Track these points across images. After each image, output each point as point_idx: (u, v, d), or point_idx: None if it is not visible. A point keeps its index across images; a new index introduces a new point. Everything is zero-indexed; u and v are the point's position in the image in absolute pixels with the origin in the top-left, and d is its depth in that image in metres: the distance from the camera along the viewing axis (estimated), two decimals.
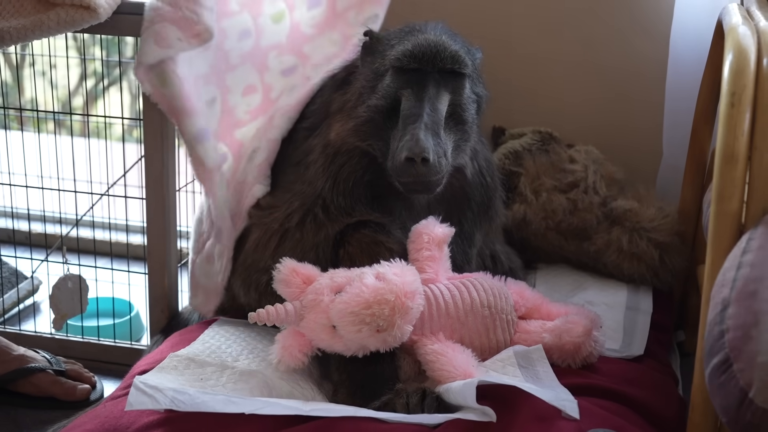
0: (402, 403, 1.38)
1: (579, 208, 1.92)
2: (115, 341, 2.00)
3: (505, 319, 1.55)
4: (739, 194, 1.25)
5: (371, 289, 1.39)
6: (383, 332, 1.39)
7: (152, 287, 1.91)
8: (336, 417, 1.33)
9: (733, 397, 1.03)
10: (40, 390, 1.83)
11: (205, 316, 1.77)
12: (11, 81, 3.27)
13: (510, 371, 1.44)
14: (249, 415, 1.32)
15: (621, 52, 2.20)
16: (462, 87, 1.61)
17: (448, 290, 1.52)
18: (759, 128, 1.23)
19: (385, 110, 1.59)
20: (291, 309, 1.44)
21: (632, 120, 2.22)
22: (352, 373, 1.46)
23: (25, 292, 2.24)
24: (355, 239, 1.60)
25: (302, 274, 1.47)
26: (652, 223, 1.89)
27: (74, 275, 2.00)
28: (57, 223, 2.37)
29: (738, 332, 1.06)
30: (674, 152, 2.09)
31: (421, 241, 1.57)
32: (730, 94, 1.25)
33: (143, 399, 1.33)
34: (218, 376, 1.47)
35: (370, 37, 1.67)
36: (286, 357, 1.47)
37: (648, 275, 1.88)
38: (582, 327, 1.52)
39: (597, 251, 1.90)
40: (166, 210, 1.86)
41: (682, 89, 2.04)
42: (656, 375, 1.57)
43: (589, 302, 1.79)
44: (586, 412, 1.35)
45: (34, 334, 2.04)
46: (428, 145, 1.49)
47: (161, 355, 1.56)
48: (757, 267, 1.12)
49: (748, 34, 1.33)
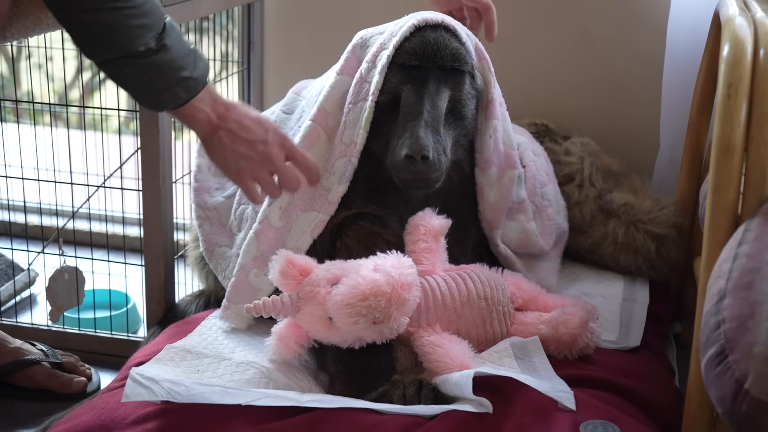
0: (399, 395, 1.38)
1: (575, 201, 1.92)
2: (111, 333, 2.00)
3: (502, 311, 1.55)
4: (736, 185, 1.25)
5: (368, 281, 1.39)
6: (380, 324, 1.39)
7: (149, 279, 1.91)
8: (333, 408, 1.33)
9: (729, 388, 1.03)
10: (36, 383, 1.83)
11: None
12: (7, 73, 3.27)
13: (506, 363, 1.44)
14: (245, 406, 1.32)
15: (618, 43, 2.20)
16: (462, 83, 1.61)
17: (445, 282, 1.52)
18: (755, 119, 1.23)
19: (385, 106, 1.59)
20: (287, 301, 1.44)
21: (629, 112, 2.22)
22: (349, 365, 1.46)
23: (22, 285, 2.24)
24: (352, 231, 1.60)
25: (299, 265, 1.47)
26: (649, 215, 1.89)
27: (71, 267, 1.99)
28: (53, 215, 2.36)
29: (734, 323, 1.06)
30: (671, 144, 2.09)
31: (417, 232, 1.57)
32: (726, 85, 1.24)
33: (139, 390, 1.33)
34: (215, 367, 1.47)
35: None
36: (282, 349, 1.47)
37: (644, 267, 1.88)
38: (578, 318, 1.52)
39: (593, 244, 1.90)
40: (162, 202, 1.86)
41: (679, 81, 2.04)
42: (653, 366, 1.57)
43: (585, 294, 1.79)
44: (583, 404, 1.35)
45: (31, 327, 2.03)
46: (428, 143, 1.49)
47: (158, 346, 1.56)
48: (753, 258, 1.12)
49: (745, 25, 1.33)
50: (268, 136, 1.50)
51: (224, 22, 2.31)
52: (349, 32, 1.74)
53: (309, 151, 1.63)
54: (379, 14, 1.73)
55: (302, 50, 2.35)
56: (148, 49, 1.37)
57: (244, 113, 1.49)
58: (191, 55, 1.43)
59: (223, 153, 1.48)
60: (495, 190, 1.70)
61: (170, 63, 1.39)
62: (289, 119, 1.81)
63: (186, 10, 1.88)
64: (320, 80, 1.81)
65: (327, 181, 1.62)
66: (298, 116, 1.79)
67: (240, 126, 1.47)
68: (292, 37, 2.35)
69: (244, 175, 1.50)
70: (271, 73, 2.37)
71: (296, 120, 1.78)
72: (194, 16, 1.97)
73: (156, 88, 1.41)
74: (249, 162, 1.49)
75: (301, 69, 2.14)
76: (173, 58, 1.39)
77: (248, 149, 1.48)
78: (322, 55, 1.98)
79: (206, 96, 1.45)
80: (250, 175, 1.51)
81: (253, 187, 1.52)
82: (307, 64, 2.20)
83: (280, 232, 1.62)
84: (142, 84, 1.41)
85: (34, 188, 2.18)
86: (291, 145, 1.54)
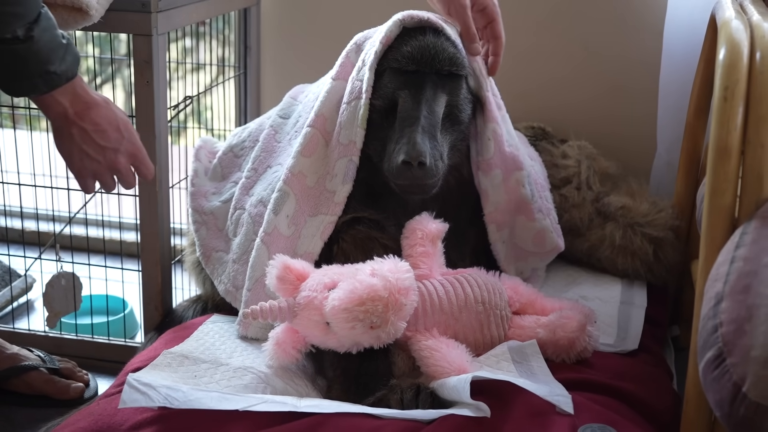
0: (396, 399, 1.38)
1: (572, 204, 1.92)
2: (109, 339, 2.00)
3: (500, 315, 1.55)
4: (733, 189, 1.25)
5: (365, 286, 1.39)
6: (377, 329, 1.39)
7: (146, 284, 1.90)
8: (330, 413, 1.32)
9: (727, 392, 1.03)
10: (34, 389, 1.83)
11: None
12: None
13: (504, 366, 1.44)
14: (243, 412, 1.31)
15: (614, 47, 2.20)
16: (459, 88, 1.61)
17: (442, 286, 1.52)
18: (752, 122, 1.23)
19: (382, 110, 1.59)
20: (284, 306, 1.43)
21: (626, 115, 2.22)
22: (346, 370, 1.46)
23: (19, 291, 2.23)
24: (349, 235, 1.60)
25: (296, 270, 1.47)
26: (646, 218, 1.89)
27: (67, 273, 1.99)
28: (50, 220, 2.36)
29: (731, 326, 1.06)
30: (668, 147, 2.09)
31: (414, 237, 1.57)
32: (722, 88, 1.25)
33: (136, 396, 1.32)
34: (212, 373, 1.47)
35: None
36: (280, 354, 1.47)
37: (642, 270, 1.87)
38: (576, 322, 1.52)
39: (590, 247, 1.90)
40: (159, 207, 1.85)
41: (675, 84, 2.04)
42: (651, 370, 1.57)
43: (583, 297, 1.79)
44: (581, 407, 1.35)
45: (28, 333, 2.03)
46: (425, 149, 1.49)
47: (155, 352, 1.55)
48: (750, 261, 1.12)
49: (741, 28, 1.33)
50: (122, 145, 1.49)
51: (221, 27, 2.31)
52: (346, 37, 1.74)
53: (310, 157, 1.63)
54: (376, 19, 1.73)
55: (299, 55, 2.35)
56: (14, 37, 1.34)
57: (105, 116, 1.46)
58: (61, 50, 1.39)
59: (70, 148, 1.47)
60: (501, 191, 1.70)
61: (35, 55, 1.37)
62: (285, 124, 1.81)
63: (183, 15, 1.88)
64: (317, 85, 1.81)
65: (330, 183, 1.62)
66: (294, 121, 1.79)
67: (96, 128, 1.45)
68: (288, 42, 2.35)
69: (84, 172, 1.49)
70: (267, 77, 2.37)
71: (293, 125, 1.78)
72: (191, 21, 1.97)
73: (15, 77, 1.38)
74: (94, 164, 1.48)
75: (298, 73, 2.14)
76: (39, 50, 1.37)
77: (97, 153, 1.47)
78: (319, 60, 1.98)
79: (69, 90, 1.42)
80: (92, 175, 1.50)
81: (89, 184, 1.51)
82: (303, 69, 2.20)
83: (290, 240, 1.62)
84: (1, 68, 1.38)
85: (31, 194, 2.18)
86: (143, 156, 1.54)
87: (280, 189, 1.63)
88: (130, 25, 1.75)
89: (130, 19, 1.73)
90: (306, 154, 1.63)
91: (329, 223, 1.61)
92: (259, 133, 1.84)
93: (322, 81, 1.77)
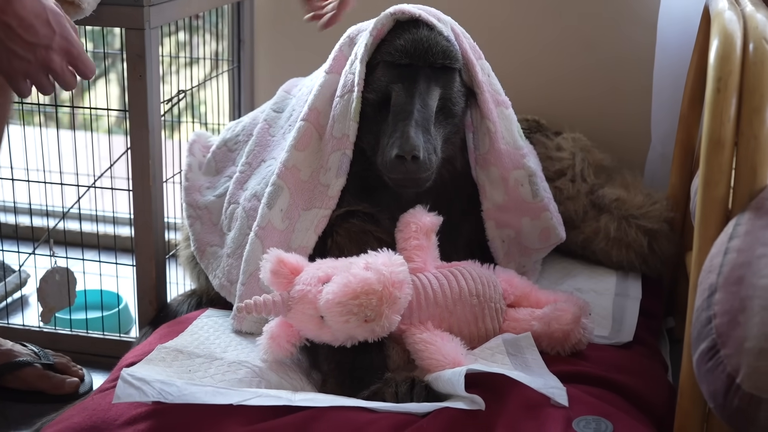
0: (391, 393, 1.38)
1: (566, 197, 1.92)
2: (103, 334, 2.00)
3: (494, 308, 1.55)
4: (726, 180, 1.25)
5: (359, 280, 1.38)
6: (371, 322, 1.39)
7: (140, 279, 1.90)
8: (325, 407, 1.32)
9: (721, 383, 1.03)
10: (28, 384, 1.82)
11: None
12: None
13: (499, 359, 1.44)
14: (237, 406, 1.31)
15: (608, 38, 2.19)
16: (452, 81, 1.61)
17: (437, 279, 1.52)
18: (745, 114, 1.23)
19: (375, 104, 1.59)
20: (278, 300, 1.43)
21: (620, 107, 2.22)
22: (341, 363, 1.46)
23: (13, 286, 2.23)
24: (343, 229, 1.60)
25: (290, 264, 1.46)
26: (641, 210, 1.89)
27: (62, 268, 1.99)
28: (44, 215, 2.35)
29: (725, 318, 1.06)
30: (662, 139, 2.09)
31: (409, 230, 1.57)
32: (716, 79, 1.24)
33: (131, 391, 1.32)
34: (207, 367, 1.47)
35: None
36: (274, 348, 1.47)
37: (637, 262, 1.87)
38: (571, 314, 1.52)
39: (585, 239, 1.90)
40: (153, 201, 1.85)
41: (669, 76, 2.04)
42: (645, 361, 1.57)
43: (577, 289, 1.79)
44: (575, 400, 1.35)
45: (23, 328, 2.03)
46: (418, 143, 1.49)
47: (149, 347, 1.55)
48: (743, 253, 1.12)
49: (734, 19, 1.33)
50: (53, 41, 1.35)
51: (214, 20, 2.30)
52: (339, 30, 1.74)
53: (304, 151, 1.63)
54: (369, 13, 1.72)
55: (292, 48, 2.35)
56: None
57: (30, 8, 1.32)
58: None
59: None
60: (500, 190, 1.70)
61: None
62: (279, 117, 1.80)
63: (176, 8, 1.87)
64: (310, 78, 1.81)
65: (324, 177, 1.62)
66: (288, 114, 1.78)
67: (21, 23, 1.31)
68: (282, 35, 2.35)
69: (14, 74, 1.36)
70: (261, 71, 2.36)
71: (287, 118, 1.77)
72: (184, 15, 1.96)
73: None
74: (24, 64, 1.35)
75: (292, 67, 2.13)
76: None
77: (26, 51, 1.34)
78: (313, 53, 1.97)
79: None
80: (23, 77, 1.37)
81: (24, 87, 1.38)
82: (297, 62, 2.20)
83: (284, 234, 1.61)
84: None
85: (25, 189, 2.17)
86: (78, 53, 1.40)
87: (274, 183, 1.62)
88: (123, 19, 1.74)
89: (123, 12, 1.72)
90: (300, 148, 1.63)
91: (323, 216, 1.60)
92: (253, 127, 1.84)
93: (316, 74, 1.76)
